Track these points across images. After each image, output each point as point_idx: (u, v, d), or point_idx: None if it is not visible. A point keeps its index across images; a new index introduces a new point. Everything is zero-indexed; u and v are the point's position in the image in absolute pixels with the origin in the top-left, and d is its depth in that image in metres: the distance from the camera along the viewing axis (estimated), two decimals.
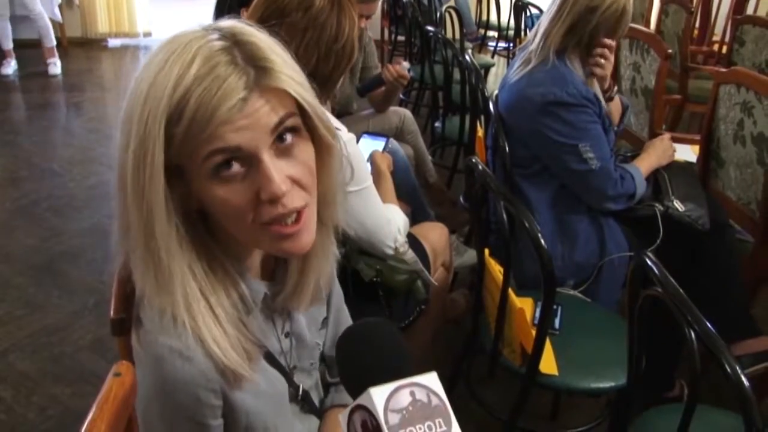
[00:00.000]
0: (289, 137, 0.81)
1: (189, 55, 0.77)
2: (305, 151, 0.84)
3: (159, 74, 0.77)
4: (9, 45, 5.57)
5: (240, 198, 0.80)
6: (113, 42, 6.75)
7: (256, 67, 0.78)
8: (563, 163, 2.04)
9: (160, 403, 0.84)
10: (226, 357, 0.83)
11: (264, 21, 1.48)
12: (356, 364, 0.76)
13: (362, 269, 1.63)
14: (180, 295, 0.82)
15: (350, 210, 1.55)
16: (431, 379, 0.70)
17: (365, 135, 2.54)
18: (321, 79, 1.55)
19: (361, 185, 1.58)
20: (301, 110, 0.83)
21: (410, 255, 1.75)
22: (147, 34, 6.87)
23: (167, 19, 7.27)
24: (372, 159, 2.04)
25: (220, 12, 2.28)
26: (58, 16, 5.93)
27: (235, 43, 0.79)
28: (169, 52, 0.78)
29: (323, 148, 0.88)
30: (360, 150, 1.62)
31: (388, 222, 1.69)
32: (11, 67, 5.62)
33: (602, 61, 2.05)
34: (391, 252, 1.69)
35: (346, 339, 0.80)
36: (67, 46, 6.34)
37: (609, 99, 2.20)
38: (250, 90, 0.77)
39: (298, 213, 0.83)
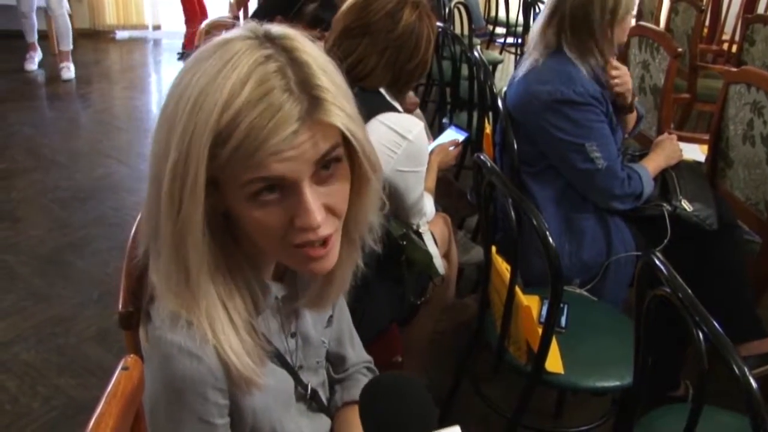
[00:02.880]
0: (330, 167, 0.80)
1: (243, 70, 0.74)
2: (343, 179, 0.83)
3: (210, 86, 0.74)
4: (33, 38, 5.41)
5: (274, 221, 0.79)
6: (121, 34, 6.75)
7: (310, 96, 0.75)
8: (569, 162, 2.03)
9: (168, 401, 0.84)
10: (241, 364, 0.83)
11: (348, 30, 1.68)
12: (382, 418, 0.76)
13: (392, 225, 1.72)
14: (203, 305, 0.81)
15: (401, 183, 1.70)
16: None
17: (453, 126, 2.62)
18: (394, 91, 1.75)
19: (416, 168, 1.72)
20: (346, 140, 0.81)
21: (427, 238, 1.87)
22: (156, 27, 6.87)
23: (175, 11, 7.26)
24: (432, 150, 2.20)
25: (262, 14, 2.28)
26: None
27: (289, 60, 0.76)
28: (222, 62, 0.75)
29: (363, 175, 0.86)
30: (426, 138, 1.75)
31: (421, 204, 1.83)
32: (35, 62, 5.48)
33: (615, 75, 2.07)
34: (414, 226, 1.84)
35: (370, 393, 0.80)
36: (75, 38, 6.34)
37: (630, 110, 2.20)
38: (302, 122, 0.75)
39: (326, 238, 0.82)
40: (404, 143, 1.65)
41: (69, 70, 5.45)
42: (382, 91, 1.73)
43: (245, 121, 0.73)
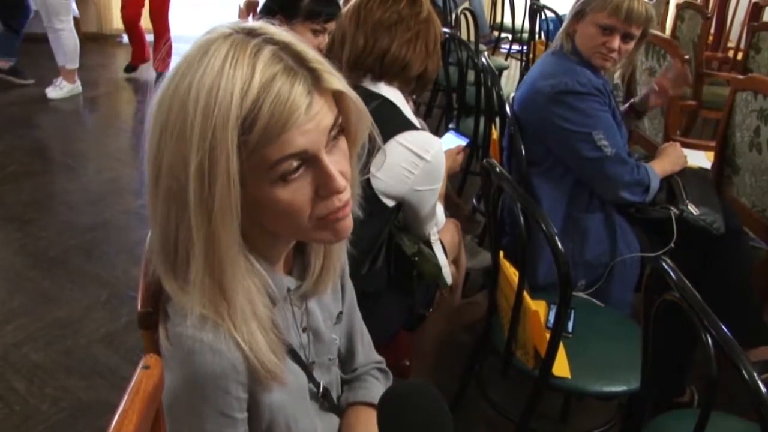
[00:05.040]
0: (337, 134, 0.85)
1: (245, 60, 0.78)
2: (345, 146, 0.88)
3: (218, 80, 0.77)
4: (62, 61, 4.84)
5: (302, 198, 0.83)
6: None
7: (309, 70, 0.81)
8: (577, 153, 2.04)
9: (189, 396, 0.85)
10: (266, 358, 0.85)
11: (380, 22, 1.67)
12: (399, 425, 0.78)
13: (405, 243, 1.73)
14: (236, 303, 0.83)
15: (416, 200, 1.69)
16: None
17: (452, 131, 2.57)
18: (426, 78, 1.76)
19: (432, 186, 1.71)
20: (341, 106, 0.86)
21: (437, 248, 1.85)
22: None
23: (180, 16, 7.30)
24: None
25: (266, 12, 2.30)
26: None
27: (277, 45, 0.81)
28: (220, 58, 0.78)
29: (351, 141, 0.91)
30: (442, 155, 1.72)
31: (433, 213, 1.81)
32: (59, 88, 4.90)
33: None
34: (425, 238, 1.83)
35: (389, 399, 0.82)
36: (82, 41, 6.36)
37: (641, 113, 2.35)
38: (312, 94, 0.80)
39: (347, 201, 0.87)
40: (422, 163, 1.63)
41: (60, 89, 4.91)
42: (399, 104, 1.71)
43: (267, 102, 0.77)
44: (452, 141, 2.43)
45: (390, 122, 1.64)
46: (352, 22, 1.70)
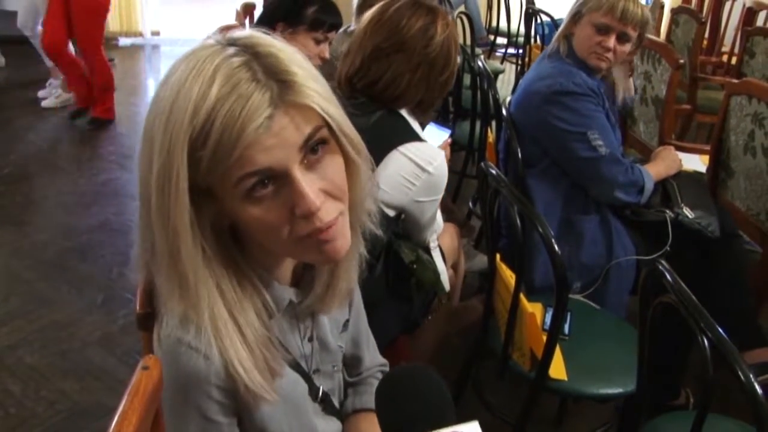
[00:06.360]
0: (318, 150, 0.80)
1: (208, 73, 0.75)
2: (335, 160, 0.82)
3: (179, 94, 0.76)
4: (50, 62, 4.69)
5: (275, 215, 0.79)
6: (124, 41, 6.76)
7: (279, 81, 0.76)
8: (572, 153, 2.06)
9: (173, 398, 0.85)
10: (249, 379, 0.82)
11: (380, 49, 1.61)
12: (398, 410, 0.77)
13: (404, 251, 1.69)
14: (207, 316, 0.81)
15: (417, 211, 1.67)
16: (473, 428, 0.71)
17: (432, 123, 2.45)
18: (425, 106, 1.70)
19: (434, 197, 1.68)
20: (327, 122, 0.81)
21: (436, 254, 1.84)
22: (155, 33, 6.90)
23: (177, 19, 7.32)
24: None
25: (267, 20, 2.30)
26: None
27: (254, 55, 0.77)
28: (187, 70, 0.77)
29: (350, 157, 0.86)
30: (445, 166, 1.67)
31: (434, 223, 1.80)
32: (53, 98, 4.84)
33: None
34: (424, 244, 1.81)
35: (388, 384, 0.81)
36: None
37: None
38: (275, 107, 0.75)
39: (332, 223, 0.82)
40: (424, 175, 1.61)
41: (54, 97, 4.85)
42: (405, 114, 1.68)
43: (219, 118, 0.74)
44: (434, 133, 2.37)
45: (394, 132, 1.62)
46: (358, 37, 1.65)
